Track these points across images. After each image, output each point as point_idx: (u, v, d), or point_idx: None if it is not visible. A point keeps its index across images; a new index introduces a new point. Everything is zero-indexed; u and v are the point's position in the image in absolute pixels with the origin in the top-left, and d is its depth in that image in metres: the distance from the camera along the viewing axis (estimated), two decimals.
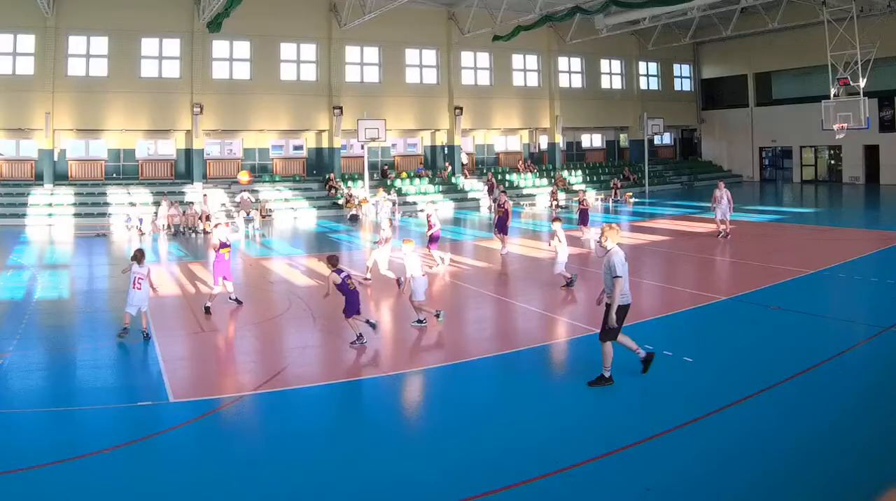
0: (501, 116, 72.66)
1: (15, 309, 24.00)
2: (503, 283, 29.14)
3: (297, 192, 61.89)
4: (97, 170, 60.39)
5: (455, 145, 69.63)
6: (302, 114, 63.61)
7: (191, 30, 58.61)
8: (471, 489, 10.98)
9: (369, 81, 66.88)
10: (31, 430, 13.92)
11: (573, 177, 73.10)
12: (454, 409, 14.88)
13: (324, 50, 64.07)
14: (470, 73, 71.31)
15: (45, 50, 54.97)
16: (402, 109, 66.64)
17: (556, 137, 74.54)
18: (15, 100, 54.47)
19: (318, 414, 15.15)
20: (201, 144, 60.45)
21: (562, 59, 75.45)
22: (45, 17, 53.89)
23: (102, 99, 57.06)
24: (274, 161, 66.61)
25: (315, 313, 23.26)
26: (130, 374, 17.68)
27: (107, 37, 57.07)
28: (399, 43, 66.90)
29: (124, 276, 21.62)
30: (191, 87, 59.04)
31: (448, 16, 68.26)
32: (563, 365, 18.21)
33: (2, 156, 58.33)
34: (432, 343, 20.12)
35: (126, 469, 12.05)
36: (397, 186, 63.85)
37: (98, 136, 60.07)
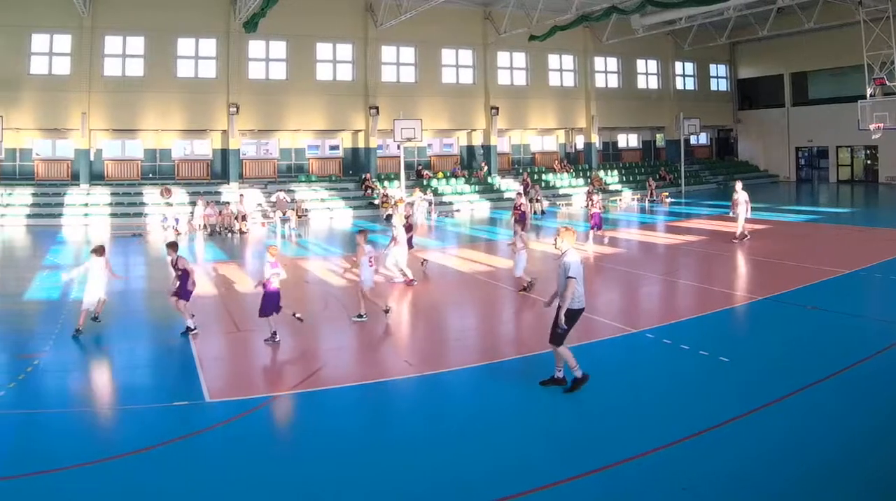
0: (537, 116, 70.39)
1: (51, 309, 23.68)
2: (539, 283, 26.99)
3: (333, 192, 60.11)
4: (133, 170, 58.84)
5: (491, 145, 67.33)
6: (338, 114, 61.82)
7: (227, 30, 57.27)
8: (507, 488, 10.83)
9: (405, 81, 64.81)
10: (67, 430, 13.58)
11: (609, 177, 70.84)
12: (489, 408, 14.63)
13: (360, 50, 62.24)
14: (506, 73, 68.96)
15: (81, 50, 53.58)
16: (438, 109, 64.66)
17: (592, 137, 72.15)
18: (51, 100, 53.06)
19: (353, 414, 14.76)
20: (237, 144, 58.99)
21: (598, 59, 72.94)
22: (81, 17, 52.54)
23: (138, 99, 55.55)
24: (310, 161, 64.79)
25: (351, 313, 22.52)
26: (166, 374, 17.38)
27: (143, 37, 55.71)
28: (435, 43, 64.93)
29: (158, 275, 23.33)
30: (227, 87, 57.56)
31: (484, 16, 66.10)
32: (599, 365, 16.86)
33: (38, 156, 57.03)
34: (471, 342, 19.59)
35: (162, 468, 11.82)
36: (433, 186, 62.31)
37: (134, 136, 58.73)
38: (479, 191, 63.86)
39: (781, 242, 36.38)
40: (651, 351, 17.85)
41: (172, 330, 20.65)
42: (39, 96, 53.16)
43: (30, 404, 14.74)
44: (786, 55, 76.16)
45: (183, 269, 20.66)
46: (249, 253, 39.16)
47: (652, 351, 17.74)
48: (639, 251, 36.05)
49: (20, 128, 53.49)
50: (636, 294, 26.50)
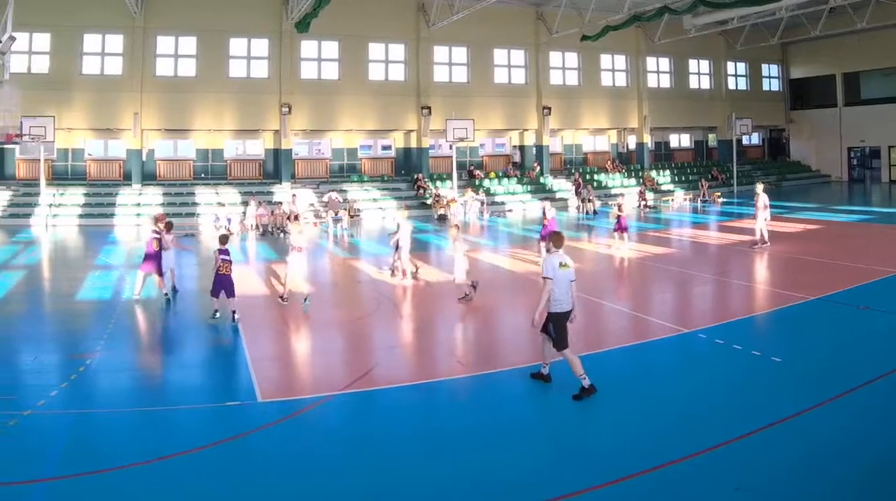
0: (590, 116, 67.71)
1: (103, 309, 22.93)
2: (589, 283, 25.93)
3: (385, 192, 57.93)
4: (185, 170, 57.28)
5: (543, 145, 64.80)
6: (390, 114, 59.70)
7: (279, 30, 55.56)
8: (563, 487, 10.51)
9: (457, 81, 62.36)
10: (118, 430, 13.18)
11: (661, 178, 68.08)
12: (543, 407, 14.31)
13: (412, 50, 60.16)
14: (558, 73, 66.35)
15: (133, 50, 52.24)
16: (491, 109, 62.10)
17: (644, 137, 69.56)
18: (103, 100, 51.56)
19: (404, 414, 14.09)
20: (290, 144, 57.22)
21: (650, 59, 70.14)
22: (133, 17, 51.25)
23: (190, 99, 54.12)
24: (362, 161, 62.61)
25: (404, 313, 22.49)
26: (219, 374, 16.94)
27: (195, 37, 54.32)
28: (487, 43, 62.50)
29: (209, 275, 22.01)
30: (279, 87, 55.84)
31: (536, 16, 63.61)
32: (652, 365, 16.92)
33: (90, 156, 55.56)
34: (524, 343, 18.35)
35: (214, 469, 11.41)
36: (485, 186, 60.26)
37: (186, 136, 57.17)
38: (531, 191, 61.38)
39: (834, 242, 35.81)
40: (703, 352, 17.55)
41: (224, 331, 20.20)
42: (91, 96, 51.67)
43: (82, 404, 14.24)
44: (838, 55, 73.05)
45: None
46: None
47: (704, 351, 17.51)
48: (691, 251, 34.94)
49: (72, 128, 52.06)
50: (688, 294, 25.83)
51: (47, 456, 11.63)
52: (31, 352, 18.17)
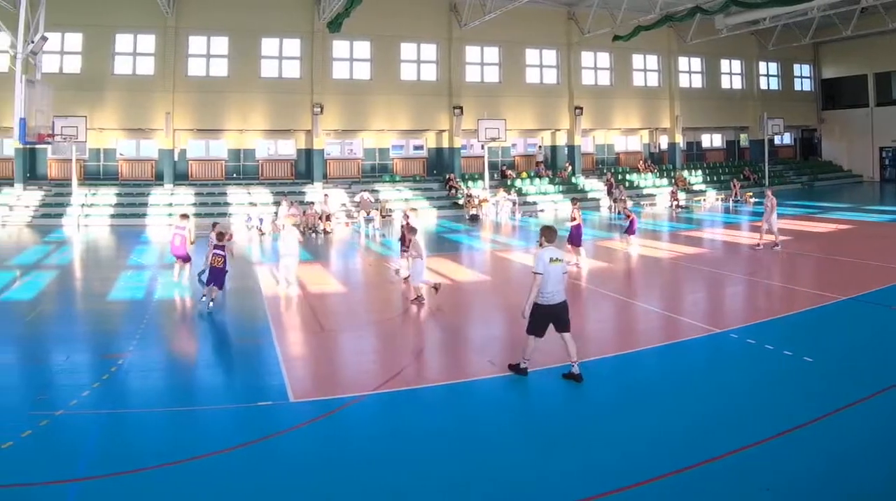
0: (621, 116, 65.88)
1: (135, 308, 22.64)
2: (621, 283, 26.94)
3: (417, 192, 56.50)
4: (217, 170, 56.13)
5: (575, 145, 63.06)
6: (422, 113, 58.33)
7: (311, 30, 54.42)
8: (593, 487, 10.30)
9: (489, 81, 60.80)
10: (150, 430, 12.95)
11: (693, 177, 66.22)
12: (574, 409, 14.01)
13: (444, 50, 58.71)
14: (590, 73, 64.48)
15: (165, 50, 51.43)
16: (522, 109, 60.42)
17: (676, 137, 67.65)
18: (135, 100, 50.70)
19: (437, 414, 13.85)
20: (321, 144, 56.19)
21: (682, 59, 68.18)
22: (165, 17, 50.48)
23: (222, 99, 53.05)
24: (394, 161, 61.19)
25: (436, 313, 21.94)
26: (250, 374, 16.45)
27: (227, 37, 53.36)
28: (519, 43, 60.87)
29: (241, 274, 24.54)
30: (311, 87, 54.66)
31: (568, 16, 61.86)
32: (684, 365, 16.67)
33: (122, 156, 54.55)
34: (553, 343, 16.75)
35: (246, 469, 11.17)
36: (517, 186, 58.80)
37: (218, 136, 56.10)
38: (563, 191, 59.56)
39: (865, 242, 35.20)
40: (735, 352, 17.16)
41: (256, 330, 19.93)
42: (123, 96, 50.78)
43: (114, 404, 13.98)
44: (869, 55, 70.74)
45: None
46: (334, 253, 37.38)
47: (736, 351, 17.14)
48: (723, 251, 34.15)
49: (104, 128, 51.12)
50: (720, 294, 25.24)
51: (79, 456, 11.43)
52: (63, 352, 17.77)
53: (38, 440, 12.02)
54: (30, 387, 15.18)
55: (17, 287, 26.11)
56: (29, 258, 33.47)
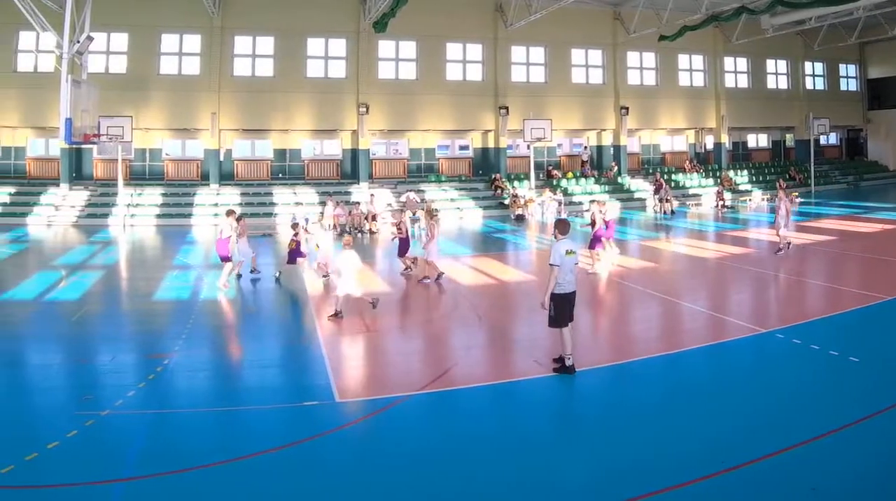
0: (667, 116, 63.06)
1: (181, 308, 22.23)
2: (667, 283, 25.88)
3: (462, 192, 54.31)
4: (263, 170, 54.27)
5: (621, 145, 60.94)
6: (467, 114, 56.10)
7: (357, 30, 52.59)
8: (640, 487, 9.86)
9: (535, 81, 58.30)
10: (195, 430, 12.60)
11: (739, 177, 63.89)
12: (620, 409, 13.47)
13: (489, 50, 56.38)
14: (636, 73, 61.72)
15: (210, 50, 50.02)
16: (568, 109, 57.97)
17: (722, 137, 64.63)
18: (181, 100, 49.31)
19: (483, 414, 13.56)
20: (367, 144, 54.11)
21: (727, 59, 64.94)
22: (211, 17, 49.04)
23: (268, 99, 51.37)
24: (440, 161, 58.65)
25: (482, 313, 21.41)
26: (296, 374, 16.07)
27: (273, 37, 51.76)
28: (565, 43, 58.40)
29: (287, 275, 24.75)
30: (357, 87, 52.82)
31: (614, 16, 59.34)
32: (730, 365, 16.23)
33: (168, 156, 52.84)
34: (600, 342, 18.48)
35: (291, 469, 10.82)
36: (562, 186, 56.37)
37: (264, 136, 54.21)
38: (609, 191, 57.06)
39: None
40: (781, 352, 16.69)
41: (302, 330, 19.70)
42: (169, 96, 49.47)
43: (160, 403, 13.67)
44: None
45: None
46: (379, 252, 36.25)
47: (782, 351, 16.69)
48: (768, 251, 32.23)
49: (150, 128, 49.78)
50: (766, 294, 24.26)
51: (125, 456, 11.16)
52: (109, 352, 17.36)
53: (84, 440, 11.69)
54: (76, 387, 14.81)
55: (63, 287, 25.33)
56: (75, 258, 32.50)
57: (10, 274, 28.72)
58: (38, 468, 10.61)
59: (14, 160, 50.76)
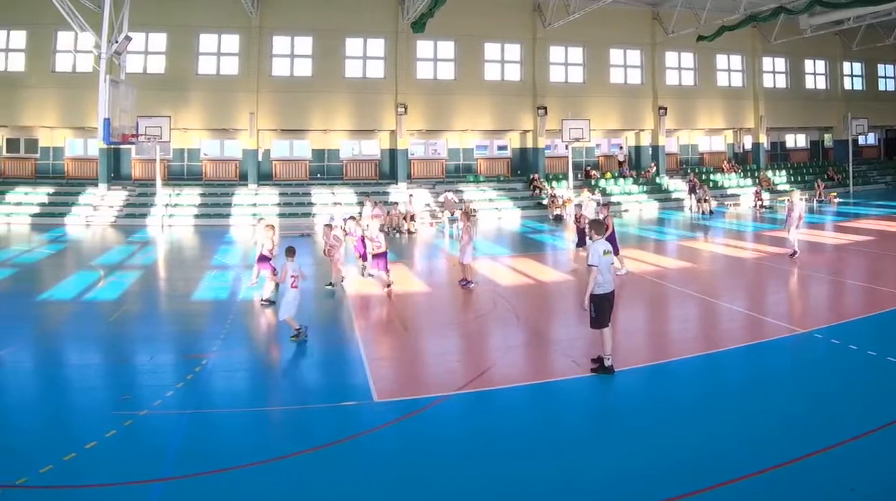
0: (705, 116, 60.50)
1: (219, 309, 21.60)
2: (705, 283, 25.15)
3: (501, 192, 52.54)
4: (301, 171, 52.55)
5: (659, 145, 58.74)
6: (506, 114, 54.09)
7: (395, 30, 51.05)
8: (678, 487, 9.62)
9: (573, 81, 56.09)
10: (235, 430, 12.20)
11: (777, 177, 61.51)
12: (659, 409, 12.91)
13: (528, 50, 54.27)
14: (674, 73, 59.17)
15: (249, 50, 48.67)
16: (606, 109, 55.85)
17: (760, 137, 62.05)
18: (219, 100, 47.87)
19: (521, 414, 13.08)
20: (405, 144, 52.12)
21: (766, 59, 62.32)
22: (250, 17, 47.63)
23: (306, 99, 49.90)
24: (478, 161, 56.76)
25: (520, 313, 20.60)
26: (335, 374, 15.58)
27: (311, 37, 50.21)
28: (603, 43, 56.24)
29: (325, 275, 23.80)
30: (395, 88, 51.20)
31: (652, 16, 57.14)
32: (768, 365, 15.64)
33: (206, 156, 51.31)
34: (638, 343, 17.54)
35: (329, 469, 10.51)
36: (601, 186, 54.09)
37: (302, 136, 52.50)
38: (647, 191, 55.49)
39: None
40: (819, 352, 16.20)
41: (341, 331, 19.03)
42: (207, 96, 48.12)
43: (198, 403, 13.22)
44: None
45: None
46: (418, 253, 35.29)
47: (820, 351, 16.19)
48: (807, 251, 30.88)
49: (188, 128, 48.47)
50: (804, 293, 23.96)
51: (163, 456, 10.82)
52: (147, 352, 16.82)
53: (122, 440, 11.40)
54: (114, 387, 14.39)
55: (101, 287, 24.60)
56: (113, 258, 31.64)
57: (49, 274, 28.03)
58: (76, 468, 10.28)
59: (53, 160, 49.65)
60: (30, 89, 46.00)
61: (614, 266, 22.98)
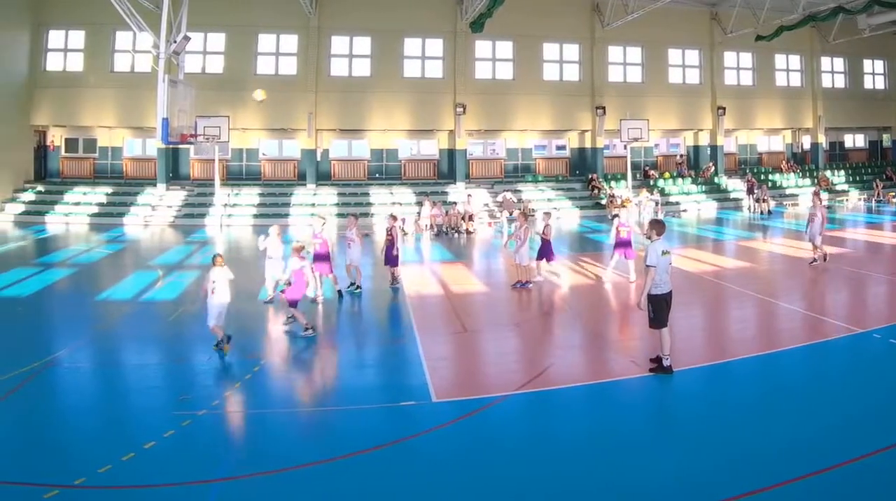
0: (764, 116, 56.68)
1: (277, 309, 20.31)
2: (765, 283, 23.79)
3: (559, 192, 49.58)
4: (360, 171, 49.99)
5: (718, 145, 55.34)
6: (564, 113, 51.03)
7: (453, 30, 48.46)
8: (731, 489, 9.21)
9: (632, 81, 52.90)
10: (292, 430, 11.69)
11: (836, 178, 57.86)
12: (717, 409, 12.31)
13: (586, 50, 51.13)
14: (732, 73, 55.62)
15: (307, 50, 46.43)
16: (665, 109, 52.66)
17: (818, 137, 57.90)
18: (278, 100, 44.89)
19: (580, 414, 12.37)
20: (464, 144, 49.36)
21: (824, 59, 59.21)
22: (308, 17, 45.36)
23: (365, 99, 47.49)
24: (536, 161, 53.46)
25: (579, 312, 19.88)
26: (393, 374, 14.80)
27: (369, 37, 47.77)
28: (661, 43, 52.98)
29: (383, 275, 23.17)
30: (454, 87, 48.58)
31: (711, 16, 53.74)
32: (826, 365, 14.77)
33: (265, 156, 48.87)
34: (698, 342, 16.83)
35: (388, 469, 10.06)
36: (660, 186, 51.18)
37: (360, 136, 49.87)
38: (705, 191, 52.34)
39: None
40: (878, 352, 15.40)
41: (399, 331, 18.30)
42: (266, 96, 45.83)
43: (256, 404, 12.76)
44: None
45: None
46: (476, 253, 33.90)
47: (879, 351, 15.40)
48: (865, 251, 30.77)
49: (246, 128, 46.23)
50: (863, 293, 22.63)
51: (222, 456, 10.37)
52: (205, 353, 15.85)
53: (181, 440, 10.91)
54: (173, 387, 13.81)
55: (159, 287, 23.73)
56: (171, 258, 30.58)
57: (108, 274, 27.16)
58: (135, 468, 9.89)
59: (111, 160, 47.52)
60: (88, 89, 44.22)
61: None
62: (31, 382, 13.70)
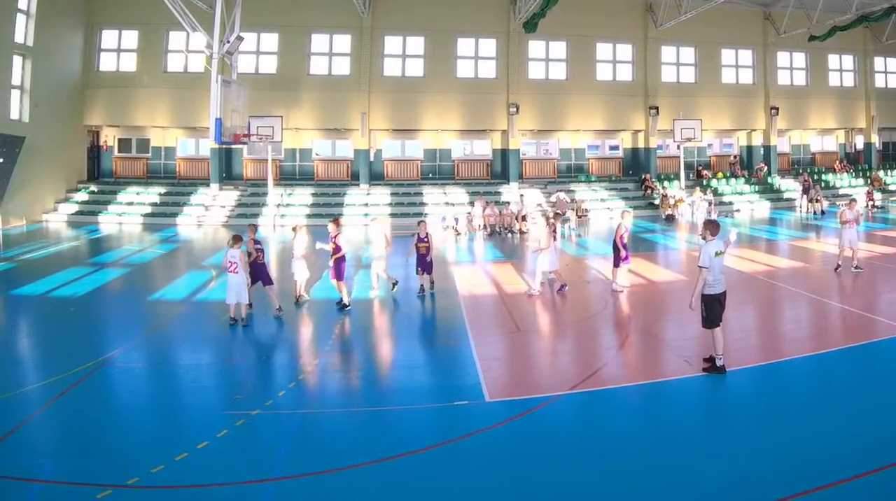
0: (817, 116, 52.68)
1: (330, 309, 19.17)
2: (819, 282, 22.45)
3: (612, 192, 46.14)
4: (413, 171, 46.94)
5: (771, 145, 51.47)
6: (617, 114, 47.66)
7: (507, 30, 45.36)
8: (783, 489, 8.54)
9: (685, 81, 49.28)
10: (346, 430, 10.91)
11: (889, 178, 53.42)
12: (770, 409, 11.45)
13: (639, 50, 47.67)
14: (786, 73, 51.83)
15: (360, 50, 43.59)
16: (718, 109, 49.12)
17: (872, 137, 53.91)
18: (331, 100, 42.79)
19: (633, 414, 11.48)
20: (517, 144, 46.28)
21: (878, 59, 55.06)
22: (361, 17, 42.40)
23: (418, 99, 44.49)
24: (590, 161, 49.98)
25: (633, 313, 18.50)
26: (447, 374, 13.66)
27: (422, 37, 44.75)
28: (714, 43, 49.30)
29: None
30: (507, 88, 45.41)
31: (764, 16, 49.97)
32: (879, 365, 13.60)
33: (317, 156, 45.76)
34: (752, 342, 15.34)
35: (441, 469, 9.52)
36: (713, 186, 47.65)
37: (413, 136, 46.74)
38: (758, 191, 48.83)
39: None
40: None
41: (453, 331, 16.75)
42: (319, 96, 43.15)
43: (309, 404, 11.80)
44: None
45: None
46: (528, 253, 30.49)
47: None
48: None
49: (299, 128, 43.30)
50: None
51: (275, 456, 9.72)
52: (258, 352, 15.46)
53: (234, 440, 10.24)
54: (226, 387, 12.97)
55: (213, 287, 22.62)
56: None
57: (161, 274, 26.22)
58: (188, 468, 9.19)
59: (164, 160, 44.59)
60: (141, 89, 41.75)
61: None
62: (85, 382, 13.00)
